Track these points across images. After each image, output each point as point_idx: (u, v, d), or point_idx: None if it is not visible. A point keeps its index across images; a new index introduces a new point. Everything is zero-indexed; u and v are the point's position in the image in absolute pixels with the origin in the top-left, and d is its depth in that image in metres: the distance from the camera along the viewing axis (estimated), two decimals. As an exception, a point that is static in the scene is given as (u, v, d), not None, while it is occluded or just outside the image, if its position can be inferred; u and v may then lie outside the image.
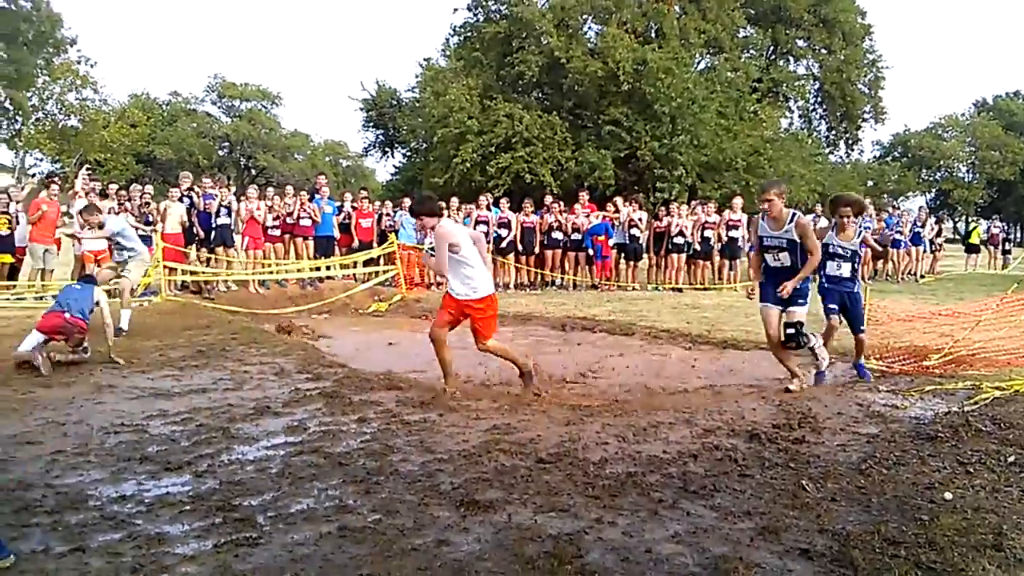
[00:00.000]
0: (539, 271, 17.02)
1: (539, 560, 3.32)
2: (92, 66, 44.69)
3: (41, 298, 12.09)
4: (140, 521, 3.73)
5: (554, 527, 3.69)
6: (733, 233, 17.53)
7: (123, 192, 14.33)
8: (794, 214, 7.03)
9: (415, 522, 3.75)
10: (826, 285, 7.66)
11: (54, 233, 12.90)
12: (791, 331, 7.00)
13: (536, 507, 3.96)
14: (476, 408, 6.08)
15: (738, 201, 18.39)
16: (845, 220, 7.52)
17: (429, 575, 3.21)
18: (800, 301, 7.02)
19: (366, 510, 3.90)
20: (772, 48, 38.40)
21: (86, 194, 13.27)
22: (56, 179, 13.48)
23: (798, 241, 6.93)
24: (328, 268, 15.62)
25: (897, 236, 20.04)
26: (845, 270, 7.55)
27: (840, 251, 7.56)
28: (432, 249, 6.81)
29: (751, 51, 36.35)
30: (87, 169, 16.31)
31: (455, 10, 33.74)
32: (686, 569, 3.30)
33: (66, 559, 3.32)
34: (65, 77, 43.25)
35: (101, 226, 10.09)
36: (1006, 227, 17.77)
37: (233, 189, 15.77)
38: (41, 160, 46.92)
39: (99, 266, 13.18)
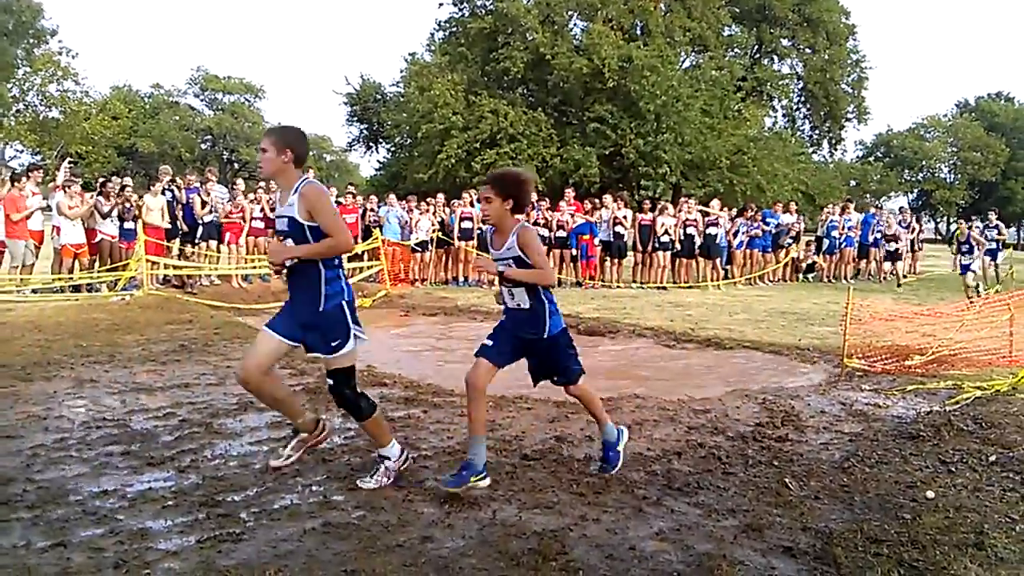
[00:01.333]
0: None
1: (523, 557, 3.32)
2: (73, 57, 44.32)
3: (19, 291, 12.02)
4: (122, 516, 3.70)
5: (538, 524, 3.70)
6: (712, 231, 17.67)
7: (108, 185, 14.17)
8: (305, 178, 4.07)
9: (399, 519, 3.74)
10: (507, 326, 4.33)
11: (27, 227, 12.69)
12: (331, 381, 4.15)
13: (521, 504, 3.96)
14: (460, 405, 6.07)
15: (715, 203, 18.57)
16: (487, 212, 4.23)
17: (413, 571, 3.20)
18: (336, 342, 4.05)
19: (350, 506, 3.89)
20: (756, 47, 38.71)
21: (67, 187, 13.12)
22: (30, 173, 13.22)
23: (304, 222, 3.97)
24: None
25: (879, 236, 20.13)
26: (520, 298, 4.19)
27: (503, 266, 4.20)
28: None
29: (736, 50, 36.65)
30: (69, 162, 16.14)
31: (440, 5, 33.86)
32: (670, 566, 3.31)
33: (47, 554, 3.28)
34: (46, 68, 42.84)
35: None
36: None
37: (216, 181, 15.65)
38: (21, 152, 46.52)
39: (78, 259, 13.09)
